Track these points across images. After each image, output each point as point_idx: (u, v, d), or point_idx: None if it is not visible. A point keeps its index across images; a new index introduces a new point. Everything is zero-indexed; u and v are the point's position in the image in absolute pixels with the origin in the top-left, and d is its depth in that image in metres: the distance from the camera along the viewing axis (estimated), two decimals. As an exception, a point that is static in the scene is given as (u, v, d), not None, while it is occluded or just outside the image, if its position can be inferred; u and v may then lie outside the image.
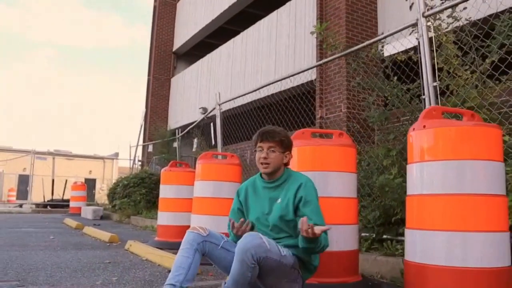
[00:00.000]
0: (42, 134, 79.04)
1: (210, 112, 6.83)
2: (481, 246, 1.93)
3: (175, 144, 10.18)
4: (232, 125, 7.26)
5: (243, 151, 8.90)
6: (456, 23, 3.55)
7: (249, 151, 8.59)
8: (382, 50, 4.26)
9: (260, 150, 2.28)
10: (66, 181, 14.90)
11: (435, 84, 3.08)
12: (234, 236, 2.22)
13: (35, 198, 15.80)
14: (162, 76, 14.73)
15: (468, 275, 1.91)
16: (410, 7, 3.63)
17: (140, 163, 13.34)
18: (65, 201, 13.25)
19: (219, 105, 6.11)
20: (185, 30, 14.27)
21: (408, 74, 3.80)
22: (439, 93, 3.14)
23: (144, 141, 13.54)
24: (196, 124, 8.19)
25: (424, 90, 3.13)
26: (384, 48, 4.23)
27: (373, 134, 4.63)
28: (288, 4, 9.10)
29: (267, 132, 2.28)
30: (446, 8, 3.25)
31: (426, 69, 3.11)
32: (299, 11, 8.71)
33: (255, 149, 2.31)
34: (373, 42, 3.93)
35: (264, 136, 2.27)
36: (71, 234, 6.26)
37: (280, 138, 2.28)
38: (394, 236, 3.54)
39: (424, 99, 3.13)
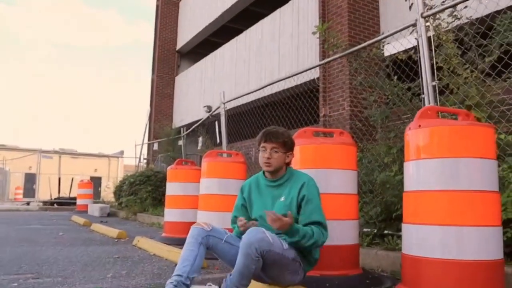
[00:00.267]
0: (47, 133, 79.52)
1: (215, 111, 6.92)
2: (475, 240, 2.02)
3: (180, 142, 10.28)
4: (237, 123, 7.33)
5: (248, 149, 8.98)
6: (456, 22, 3.62)
7: (254, 149, 8.67)
8: (383, 50, 4.34)
9: (264, 150, 2.38)
10: (73, 179, 15.06)
11: (434, 84, 3.15)
12: (238, 231, 2.34)
13: (42, 196, 15.97)
14: (166, 75, 14.83)
15: (462, 267, 2.00)
16: (410, 7, 3.70)
17: (146, 161, 13.46)
18: (72, 199, 13.40)
19: (224, 104, 6.20)
20: (188, 29, 14.35)
21: (408, 74, 3.88)
22: (439, 92, 3.22)
23: (149, 140, 13.66)
24: (201, 123, 8.27)
25: (424, 89, 3.21)
26: (385, 48, 4.31)
27: (375, 132, 4.72)
28: (291, 3, 9.16)
29: (271, 133, 2.38)
30: (445, 9, 3.32)
31: (425, 69, 3.18)
32: (302, 10, 8.77)
33: (259, 149, 2.41)
34: (373, 43, 4.01)
35: (268, 137, 2.37)
36: (80, 231, 6.39)
37: (284, 140, 2.38)
38: (395, 232, 3.63)
39: (424, 98, 3.22)
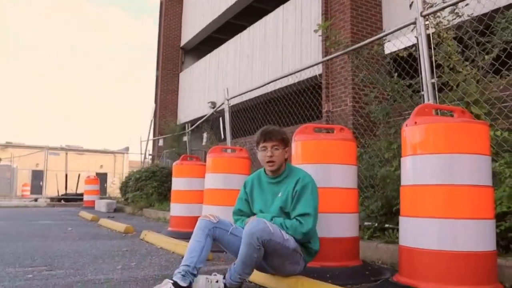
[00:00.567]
0: (52, 130, 79.98)
1: (219, 107, 7.01)
2: (468, 232, 2.11)
3: (185, 138, 10.38)
4: (241, 119, 7.41)
5: (252, 145, 9.00)
6: (456, 20, 3.68)
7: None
8: (383, 47, 4.41)
9: (264, 150, 2.48)
10: (79, 176, 15.22)
11: (433, 81, 3.23)
12: (242, 223, 2.47)
13: (49, 193, 16.17)
14: (171, 71, 14.93)
15: (457, 258, 2.10)
16: (410, 6, 3.76)
17: (151, 157, 13.59)
18: (79, 195, 13.54)
19: (228, 101, 6.28)
20: (192, 26, 14.43)
21: (409, 71, 3.95)
22: (438, 89, 3.29)
23: (155, 136, 13.80)
24: (205, 119, 8.36)
25: (423, 87, 3.29)
26: (385, 46, 4.38)
27: (375, 128, 4.80)
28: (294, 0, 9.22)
29: (269, 132, 2.49)
30: (444, 8, 3.39)
31: (425, 67, 3.26)
32: (305, 7, 8.83)
33: (258, 149, 2.52)
34: (373, 41, 4.09)
35: (267, 136, 2.48)
36: (88, 226, 6.53)
37: (282, 137, 2.50)
38: (395, 225, 3.72)
39: (423, 95, 3.30)
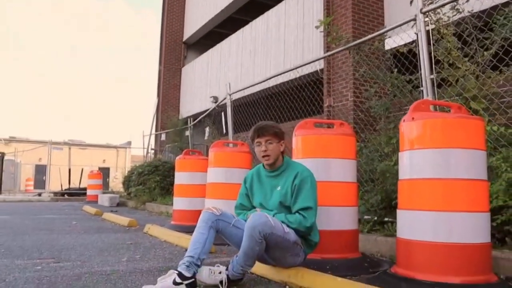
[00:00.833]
0: (55, 125, 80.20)
1: (221, 102, 7.06)
2: (464, 225, 2.18)
3: (188, 133, 10.45)
4: (243, 114, 7.45)
5: (253, 139, 9.10)
6: (456, 17, 3.72)
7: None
8: (383, 43, 4.45)
9: (259, 145, 2.56)
10: (82, 170, 15.32)
11: (432, 77, 3.29)
12: (244, 216, 2.55)
13: (52, 187, 16.27)
14: (173, 66, 14.97)
15: (453, 250, 2.16)
16: (411, 3, 3.80)
17: (154, 152, 13.67)
18: (82, 190, 13.64)
19: (230, 95, 6.34)
20: (195, 20, 14.46)
21: (408, 67, 4.00)
22: (437, 85, 3.34)
23: (157, 130, 13.87)
24: (208, 113, 8.41)
25: (422, 82, 3.34)
26: (386, 42, 4.42)
27: (376, 123, 4.85)
28: (296, -5, 9.24)
29: (262, 128, 2.57)
30: (443, 5, 3.43)
31: (424, 63, 3.31)
32: (307, 1, 8.84)
33: (253, 145, 2.60)
34: (374, 37, 4.13)
35: (260, 131, 2.56)
36: (92, 220, 6.62)
37: (274, 131, 2.57)
38: (394, 219, 3.77)
39: (422, 91, 3.35)
